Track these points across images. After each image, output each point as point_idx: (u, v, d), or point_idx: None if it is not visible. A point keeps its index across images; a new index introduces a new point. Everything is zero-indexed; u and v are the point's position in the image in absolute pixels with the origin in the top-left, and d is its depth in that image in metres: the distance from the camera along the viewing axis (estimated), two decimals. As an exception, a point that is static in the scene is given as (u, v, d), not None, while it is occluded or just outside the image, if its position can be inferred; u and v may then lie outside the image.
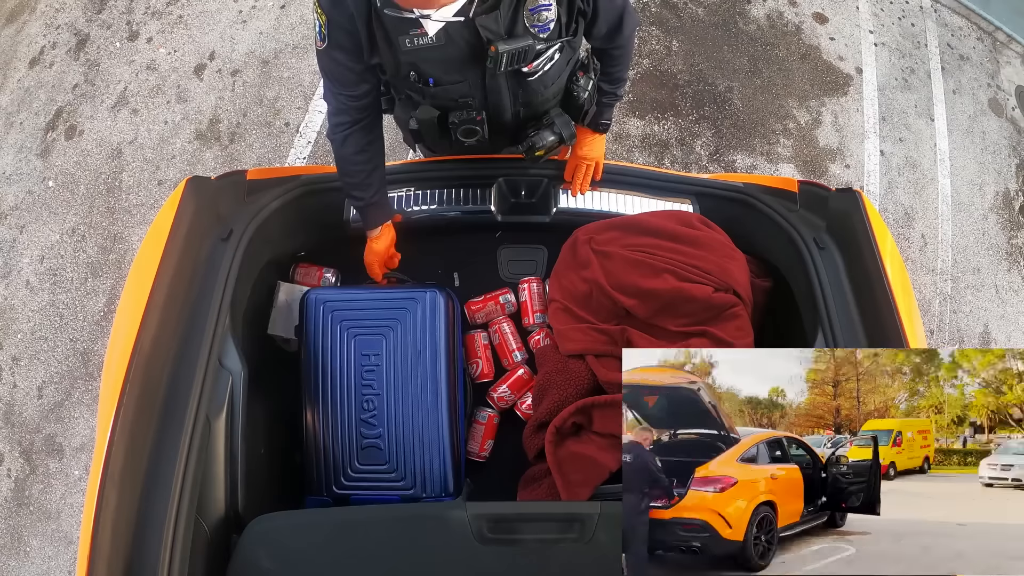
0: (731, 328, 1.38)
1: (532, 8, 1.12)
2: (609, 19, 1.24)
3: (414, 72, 1.18)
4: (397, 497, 1.30)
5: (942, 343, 2.59)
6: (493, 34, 1.12)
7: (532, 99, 1.32)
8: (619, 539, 0.95)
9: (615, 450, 1.34)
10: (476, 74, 1.20)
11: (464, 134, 1.31)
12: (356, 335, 1.35)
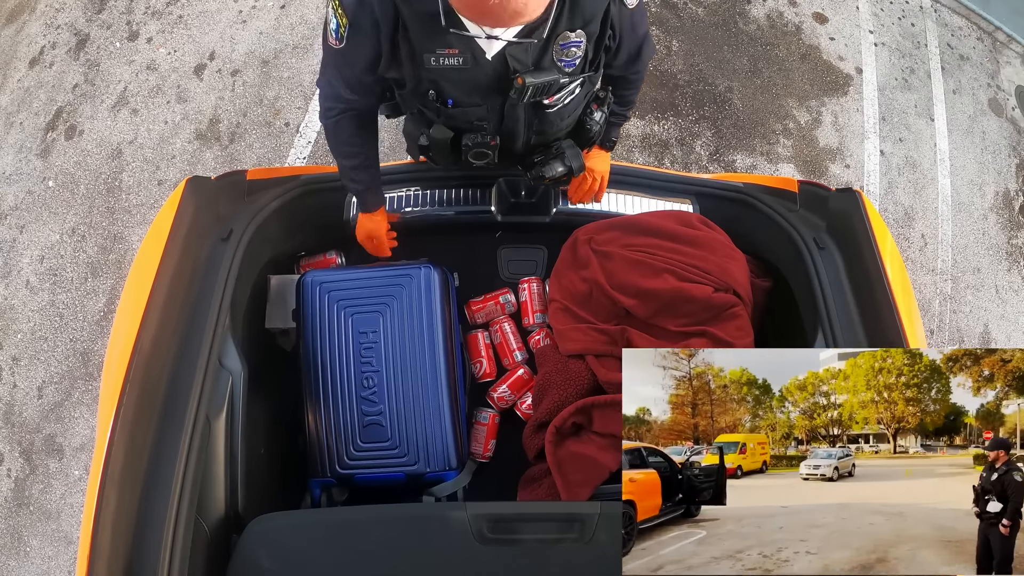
0: (731, 328, 1.38)
1: (563, 43, 1.11)
2: (630, 48, 1.24)
3: (434, 91, 1.16)
4: (401, 474, 1.30)
5: (942, 343, 2.59)
6: (521, 65, 1.11)
7: (547, 129, 1.31)
8: (619, 539, 0.95)
9: (615, 450, 1.34)
10: (497, 101, 1.19)
11: (475, 156, 1.30)
12: (353, 314, 1.36)
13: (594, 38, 1.15)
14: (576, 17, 1.09)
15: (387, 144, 2.60)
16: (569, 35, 1.11)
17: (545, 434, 1.36)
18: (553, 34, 1.10)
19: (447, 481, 1.32)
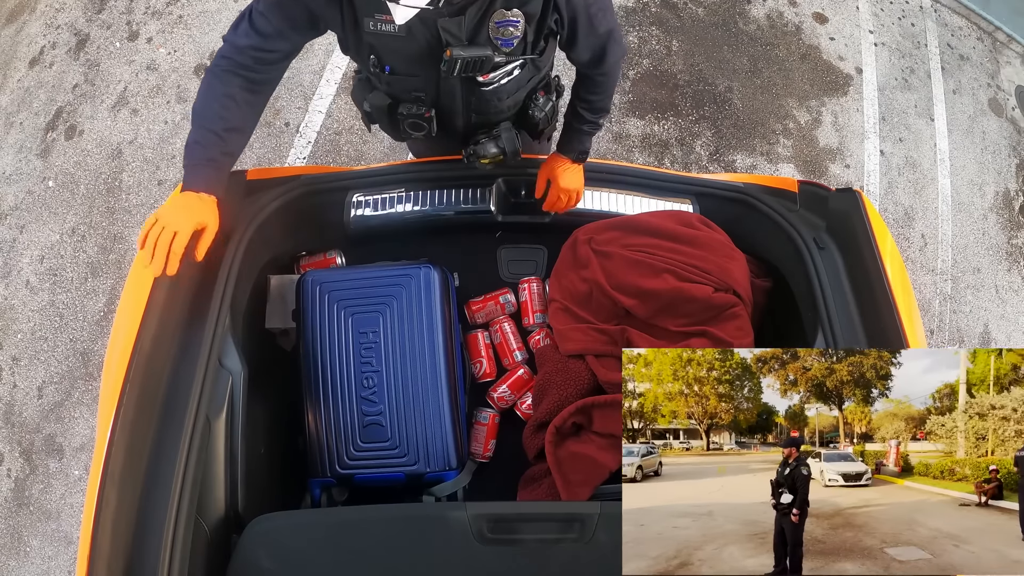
0: (731, 328, 1.38)
1: (499, 21, 1.11)
2: (591, 46, 1.22)
3: (374, 56, 1.17)
4: (401, 474, 1.30)
5: (942, 343, 2.59)
6: (453, 38, 1.11)
7: (485, 108, 1.31)
8: (619, 539, 0.95)
9: (615, 450, 1.34)
10: (432, 73, 1.18)
11: (411, 127, 1.30)
12: (353, 313, 1.36)
13: (535, 20, 1.14)
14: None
15: (387, 144, 2.60)
16: (506, 13, 1.10)
17: (545, 434, 1.36)
18: (489, 10, 1.09)
19: (447, 481, 1.32)
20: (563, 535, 1.06)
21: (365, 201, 1.49)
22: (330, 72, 2.71)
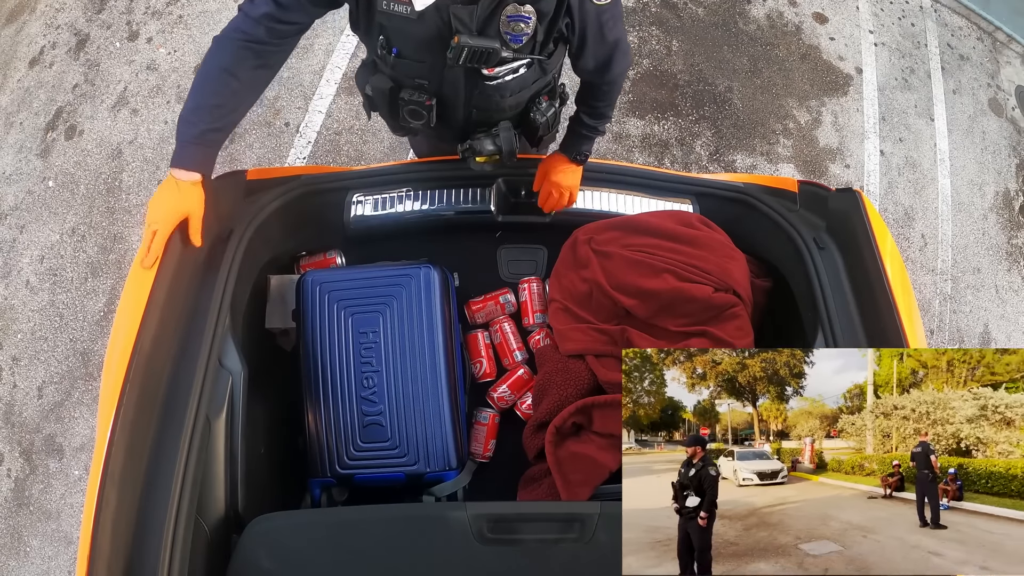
0: (731, 328, 1.38)
1: (511, 15, 1.11)
2: (598, 55, 1.23)
3: (383, 36, 1.17)
4: (401, 474, 1.30)
5: (942, 343, 2.59)
6: (463, 26, 1.11)
7: (486, 104, 1.30)
8: (619, 539, 0.95)
9: (615, 450, 1.34)
10: (438, 60, 1.18)
11: (411, 114, 1.30)
12: (353, 313, 1.36)
13: (546, 20, 1.14)
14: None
15: (387, 144, 2.60)
16: (519, 8, 1.10)
17: (545, 434, 1.36)
18: (502, 3, 1.09)
19: (447, 481, 1.32)
20: (563, 535, 1.06)
21: (365, 201, 1.49)
22: (330, 72, 2.71)
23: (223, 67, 1.12)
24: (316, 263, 1.56)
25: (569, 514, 1.08)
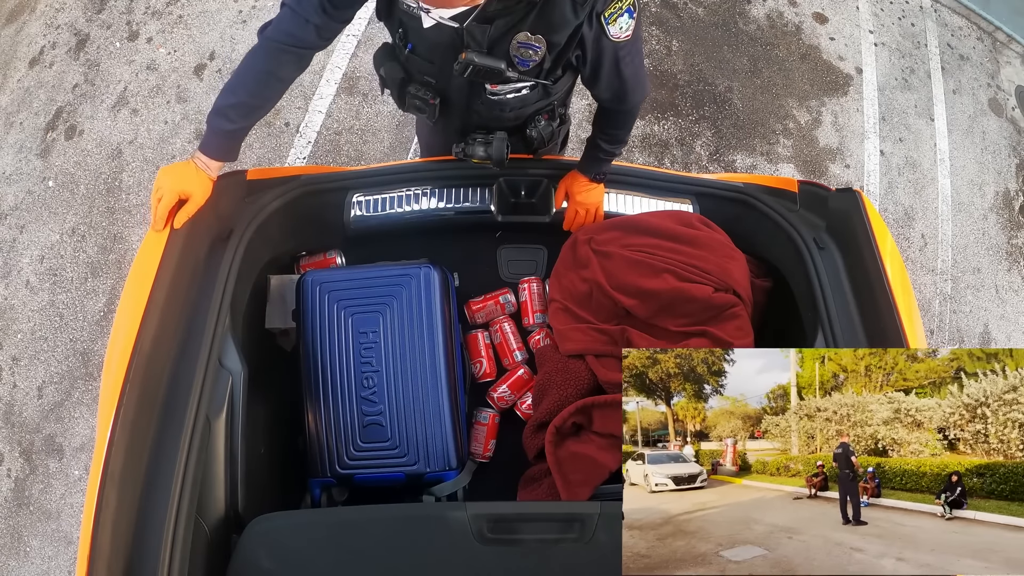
0: (731, 328, 1.38)
1: (522, 42, 1.13)
2: (613, 87, 1.24)
3: (402, 30, 1.20)
4: (401, 474, 1.30)
5: (942, 343, 2.59)
6: (474, 42, 1.13)
7: (487, 113, 1.33)
8: (619, 539, 0.95)
9: (615, 450, 1.34)
10: (447, 65, 1.20)
11: (415, 108, 1.33)
12: (353, 313, 1.36)
13: (556, 50, 1.16)
14: (541, 23, 1.11)
15: (387, 144, 2.60)
16: (529, 36, 1.12)
17: (545, 434, 1.36)
18: (515, 28, 1.11)
19: (447, 481, 1.32)
20: (563, 535, 1.06)
21: (365, 201, 1.49)
22: (330, 72, 2.71)
23: (270, 71, 1.18)
24: (316, 263, 1.56)
25: (569, 514, 1.09)
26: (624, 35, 1.14)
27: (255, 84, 1.19)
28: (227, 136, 1.22)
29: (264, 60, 1.18)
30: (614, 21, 1.12)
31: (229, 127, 1.20)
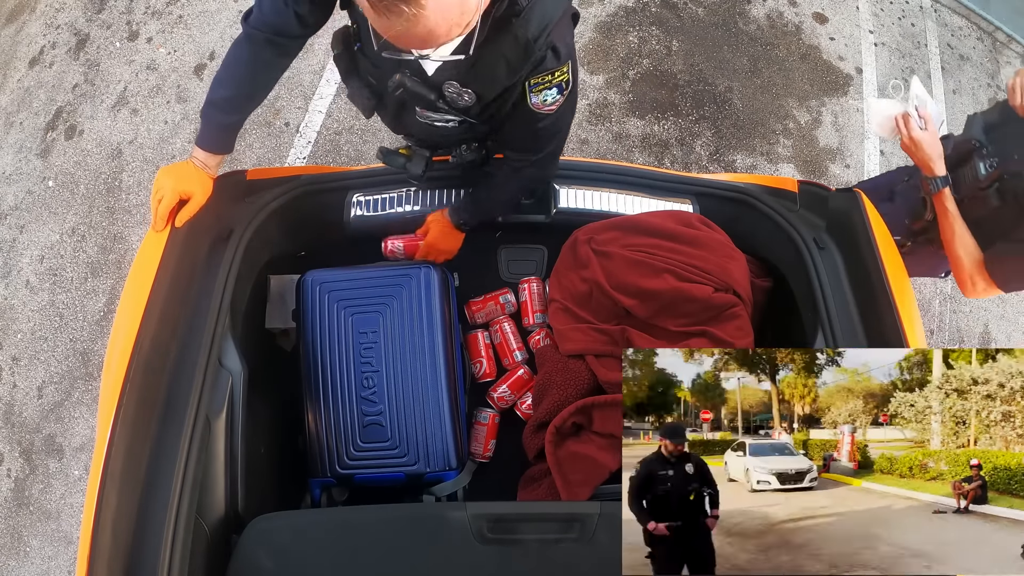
0: (731, 328, 1.38)
1: (453, 89, 1.12)
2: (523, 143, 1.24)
3: (355, 27, 1.19)
4: (401, 474, 1.31)
5: (942, 343, 2.59)
6: (410, 67, 1.12)
7: (414, 128, 1.32)
8: (619, 539, 0.95)
9: (615, 450, 1.34)
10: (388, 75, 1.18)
11: (351, 98, 1.32)
12: (353, 313, 1.37)
13: (485, 101, 1.15)
14: (471, 76, 1.10)
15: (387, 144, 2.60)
16: (458, 86, 1.12)
17: (545, 434, 1.36)
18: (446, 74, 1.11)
19: (447, 481, 1.32)
20: (563, 535, 1.06)
21: (365, 201, 1.49)
22: (330, 72, 2.71)
23: (257, 62, 1.17)
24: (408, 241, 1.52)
25: (569, 514, 1.08)
26: (547, 108, 1.13)
27: (245, 76, 1.19)
28: (223, 129, 1.22)
29: (249, 51, 1.17)
30: (538, 92, 1.11)
31: (225, 120, 1.21)
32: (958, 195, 1.46)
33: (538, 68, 1.07)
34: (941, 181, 1.43)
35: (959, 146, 1.49)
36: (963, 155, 1.48)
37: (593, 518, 1.05)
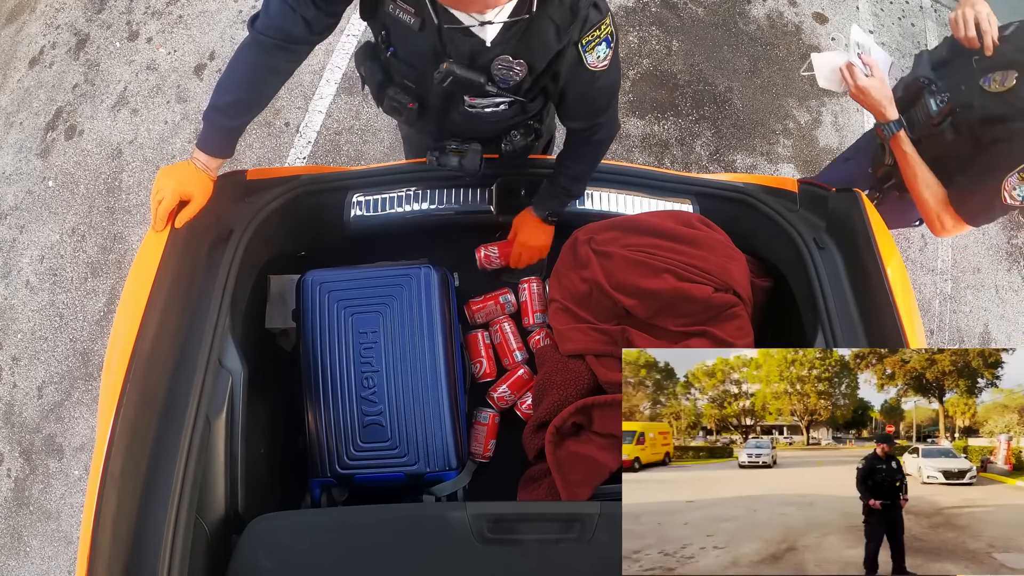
0: (731, 328, 1.38)
1: (504, 63, 1.13)
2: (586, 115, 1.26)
3: (384, 32, 1.19)
4: (401, 474, 1.30)
5: (942, 343, 2.59)
6: (457, 51, 1.12)
7: (463, 123, 1.32)
8: (619, 539, 0.95)
9: (615, 450, 1.34)
10: (428, 71, 1.19)
11: (391, 110, 1.32)
12: (353, 313, 1.36)
13: (536, 72, 1.16)
14: (522, 47, 1.11)
15: (387, 144, 2.60)
16: (510, 59, 1.12)
17: (545, 434, 1.36)
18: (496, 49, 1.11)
19: (447, 481, 1.32)
20: (563, 535, 1.06)
21: (365, 201, 1.49)
22: (330, 72, 2.71)
23: (264, 67, 1.17)
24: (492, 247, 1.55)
25: (569, 514, 1.08)
26: (601, 64, 1.15)
27: (250, 81, 1.18)
28: (226, 133, 1.21)
29: (256, 56, 1.16)
30: (592, 50, 1.12)
31: (228, 124, 1.20)
32: (914, 135, 1.48)
33: (585, 26, 1.09)
34: (895, 125, 1.46)
35: (909, 86, 1.51)
36: (913, 94, 1.50)
37: (593, 518, 1.05)
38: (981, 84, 1.40)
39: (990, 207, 1.40)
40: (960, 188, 1.44)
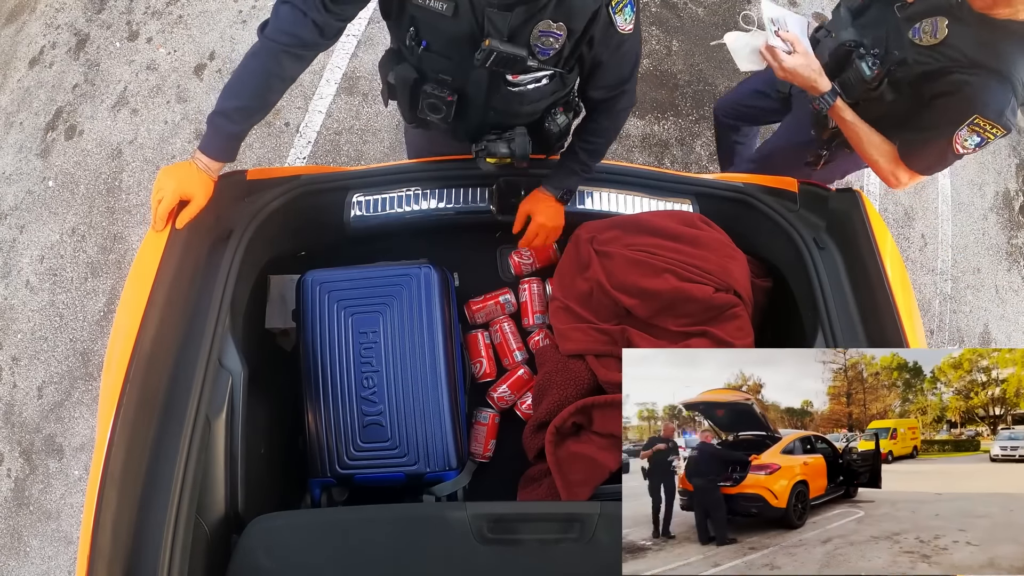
0: (731, 328, 1.38)
1: (543, 30, 1.13)
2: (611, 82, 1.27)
3: (413, 28, 1.18)
4: (401, 474, 1.31)
5: (942, 343, 2.59)
6: (495, 30, 1.13)
7: (505, 108, 1.32)
8: (619, 539, 0.95)
9: (615, 450, 1.34)
10: (466, 58, 1.19)
11: (430, 108, 1.31)
12: (353, 313, 1.37)
13: (575, 37, 1.16)
14: (561, 10, 1.12)
15: (387, 144, 2.60)
16: (551, 24, 1.13)
17: (545, 434, 1.36)
18: (536, 16, 1.12)
19: (447, 481, 1.32)
20: (563, 535, 1.06)
21: (365, 201, 1.49)
22: (330, 72, 2.71)
23: (272, 73, 1.17)
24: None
25: (569, 514, 1.09)
26: (628, 27, 1.17)
27: (257, 86, 1.18)
28: (229, 137, 1.21)
29: (265, 62, 1.16)
30: (620, 11, 1.14)
31: (233, 129, 1.20)
32: (851, 99, 1.43)
33: None
34: (830, 96, 1.42)
35: (835, 53, 1.46)
36: (842, 59, 1.44)
37: (593, 518, 1.05)
38: (911, 37, 1.34)
39: (942, 159, 1.39)
40: (910, 143, 1.40)
